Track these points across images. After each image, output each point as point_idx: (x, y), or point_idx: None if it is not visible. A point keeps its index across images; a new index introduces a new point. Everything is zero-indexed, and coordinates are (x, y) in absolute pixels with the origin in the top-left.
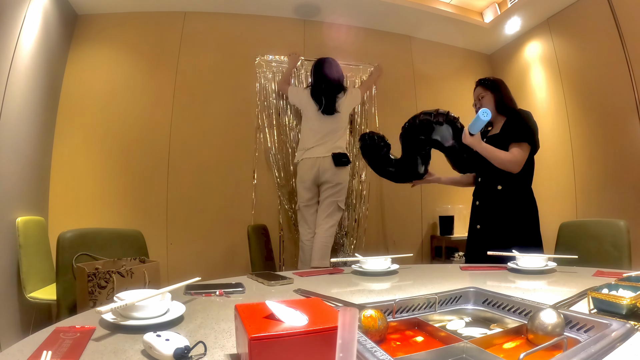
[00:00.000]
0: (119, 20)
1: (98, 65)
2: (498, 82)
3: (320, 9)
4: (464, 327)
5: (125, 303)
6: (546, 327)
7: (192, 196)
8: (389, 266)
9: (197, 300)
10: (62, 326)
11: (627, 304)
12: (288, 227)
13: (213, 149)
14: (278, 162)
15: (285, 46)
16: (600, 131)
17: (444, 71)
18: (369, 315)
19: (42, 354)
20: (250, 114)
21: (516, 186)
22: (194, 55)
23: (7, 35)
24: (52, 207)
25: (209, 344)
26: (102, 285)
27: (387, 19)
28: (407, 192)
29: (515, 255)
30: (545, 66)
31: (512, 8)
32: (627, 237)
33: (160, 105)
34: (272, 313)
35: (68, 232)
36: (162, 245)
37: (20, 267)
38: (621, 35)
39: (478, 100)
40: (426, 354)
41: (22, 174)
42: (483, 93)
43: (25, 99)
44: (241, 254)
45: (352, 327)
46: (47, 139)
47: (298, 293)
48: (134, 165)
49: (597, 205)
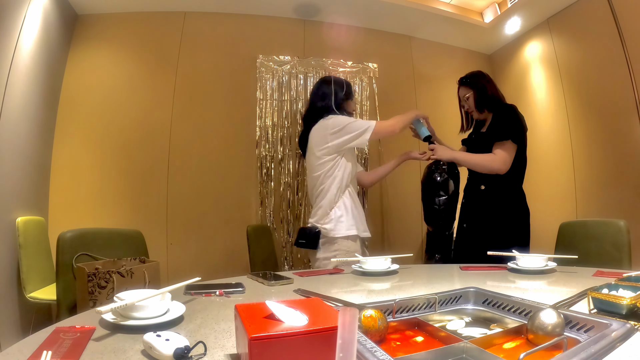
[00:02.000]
0: (119, 20)
1: (98, 65)
2: (479, 76)
3: (320, 9)
4: (464, 327)
5: (125, 303)
6: (546, 327)
7: (192, 196)
8: (389, 266)
9: (197, 300)
10: (62, 326)
11: (627, 304)
12: (288, 227)
13: (213, 149)
14: (278, 162)
15: (285, 46)
16: (600, 131)
17: (444, 71)
18: (369, 315)
19: (42, 354)
20: (250, 114)
21: (501, 186)
22: (194, 56)
23: (7, 35)
24: (52, 207)
25: (209, 344)
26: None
27: (387, 19)
28: (407, 191)
29: (515, 255)
30: (545, 66)
31: (512, 8)
32: (627, 237)
33: (160, 105)
34: (272, 313)
35: (68, 232)
36: (162, 245)
37: (20, 267)
38: (621, 35)
39: (465, 100)
40: (426, 354)
41: (22, 174)
42: (467, 93)
43: (25, 99)
44: (241, 254)
45: (352, 327)
46: (47, 139)
47: (298, 293)
48: (133, 165)
49: (597, 205)
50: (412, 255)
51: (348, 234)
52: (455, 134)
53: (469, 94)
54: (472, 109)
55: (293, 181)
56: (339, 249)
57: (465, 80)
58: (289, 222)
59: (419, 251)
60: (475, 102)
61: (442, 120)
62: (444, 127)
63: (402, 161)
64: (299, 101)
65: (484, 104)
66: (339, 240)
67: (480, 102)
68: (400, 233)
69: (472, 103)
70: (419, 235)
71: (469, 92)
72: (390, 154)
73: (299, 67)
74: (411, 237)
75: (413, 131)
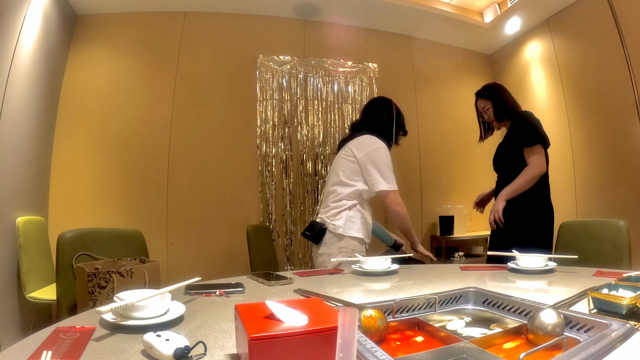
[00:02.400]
0: (119, 20)
1: (98, 65)
2: (497, 88)
3: (320, 9)
4: (464, 327)
5: (125, 303)
6: (546, 327)
7: (192, 196)
8: (389, 266)
9: (197, 300)
10: (62, 326)
11: (627, 304)
12: (288, 227)
13: (213, 149)
14: (278, 162)
15: (285, 46)
16: (600, 131)
17: (444, 71)
18: (369, 315)
19: (42, 354)
20: (251, 114)
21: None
22: (194, 55)
23: (7, 35)
24: (52, 207)
25: (209, 344)
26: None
27: (387, 19)
28: (406, 192)
29: (515, 255)
30: (545, 66)
31: (512, 8)
32: (627, 237)
33: (160, 105)
34: (272, 313)
35: (68, 232)
36: (162, 245)
37: (20, 267)
38: (621, 35)
39: (484, 112)
40: (426, 354)
41: (22, 174)
42: (487, 105)
43: (25, 99)
44: (241, 254)
45: (352, 327)
46: (47, 139)
47: (298, 293)
48: (134, 165)
49: (597, 205)
50: (412, 255)
51: (356, 235)
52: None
53: (489, 105)
54: (492, 119)
55: (293, 181)
56: (346, 247)
57: (483, 93)
58: (289, 222)
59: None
60: (494, 113)
61: (442, 120)
62: (444, 127)
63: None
64: (299, 101)
65: (504, 114)
66: (346, 238)
67: (500, 113)
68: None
69: (492, 114)
70: (419, 236)
71: (487, 103)
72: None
73: (299, 67)
74: None
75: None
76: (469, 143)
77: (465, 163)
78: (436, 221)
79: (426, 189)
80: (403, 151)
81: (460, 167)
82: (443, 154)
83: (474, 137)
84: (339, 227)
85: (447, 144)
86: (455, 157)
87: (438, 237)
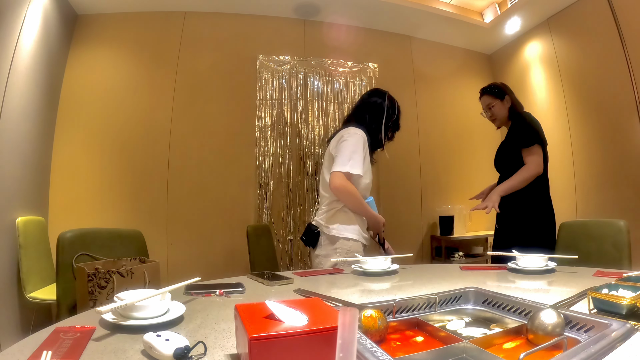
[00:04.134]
0: (119, 20)
1: (98, 65)
2: (504, 88)
3: (320, 9)
4: (464, 327)
5: (125, 303)
6: (546, 327)
7: (192, 196)
8: (389, 266)
9: (197, 300)
10: (62, 326)
11: (627, 304)
12: (288, 227)
13: (213, 149)
14: (278, 162)
15: (285, 46)
16: (600, 131)
17: (444, 71)
18: (369, 315)
19: (42, 354)
20: (250, 114)
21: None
22: (194, 55)
23: (7, 35)
24: (52, 207)
25: (209, 344)
26: (102, 285)
27: (387, 19)
28: (406, 192)
29: (515, 255)
30: (545, 66)
31: (512, 8)
32: (627, 237)
33: (160, 105)
34: (272, 313)
35: (68, 232)
36: (162, 245)
37: (20, 267)
38: (621, 35)
39: (488, 109)
40: (426, 354)
41: (22, 174)
42: (492, 102)
43: (25, 99)
44: (241, 254)
45: (352, 327)
46: (47, 139)
47: (298, 293)
48: (134, 165)
49: (597, 205)
50: (412, 255)
51: (350, 237)
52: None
53: (495, 102)
54: (496, 117)
55: (293, 181)
56: (341, 248)
57: (493, 90)
58: (289, 222)
59: (418, 251)
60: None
61: (442, 120)
62: (444, 127)
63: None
64: (299, 101)
65: (514, 113)
66: (341, 240)
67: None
68: (400, 233)
69: (498, 111)
70: (419, 235)
71: (494, 101)
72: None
73: (299, 67)
74: (411, 237)
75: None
76: (469, 143)
77: (465, 163)
78: (436, 221)
79: (426, 189)
80: (403, 151)
81: (460, 167)
82: (443, 154)
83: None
84: (332, 229)
85: (447, 144)
86: (455, 157)
87: (438, 237)
